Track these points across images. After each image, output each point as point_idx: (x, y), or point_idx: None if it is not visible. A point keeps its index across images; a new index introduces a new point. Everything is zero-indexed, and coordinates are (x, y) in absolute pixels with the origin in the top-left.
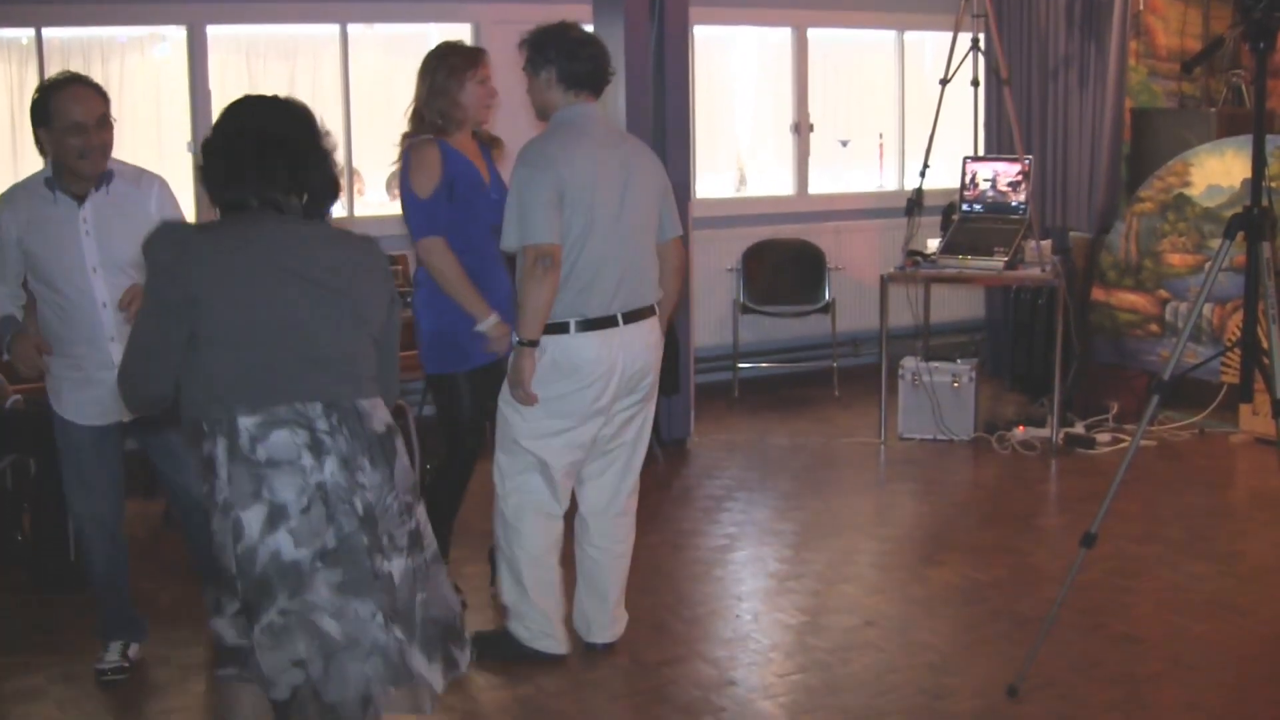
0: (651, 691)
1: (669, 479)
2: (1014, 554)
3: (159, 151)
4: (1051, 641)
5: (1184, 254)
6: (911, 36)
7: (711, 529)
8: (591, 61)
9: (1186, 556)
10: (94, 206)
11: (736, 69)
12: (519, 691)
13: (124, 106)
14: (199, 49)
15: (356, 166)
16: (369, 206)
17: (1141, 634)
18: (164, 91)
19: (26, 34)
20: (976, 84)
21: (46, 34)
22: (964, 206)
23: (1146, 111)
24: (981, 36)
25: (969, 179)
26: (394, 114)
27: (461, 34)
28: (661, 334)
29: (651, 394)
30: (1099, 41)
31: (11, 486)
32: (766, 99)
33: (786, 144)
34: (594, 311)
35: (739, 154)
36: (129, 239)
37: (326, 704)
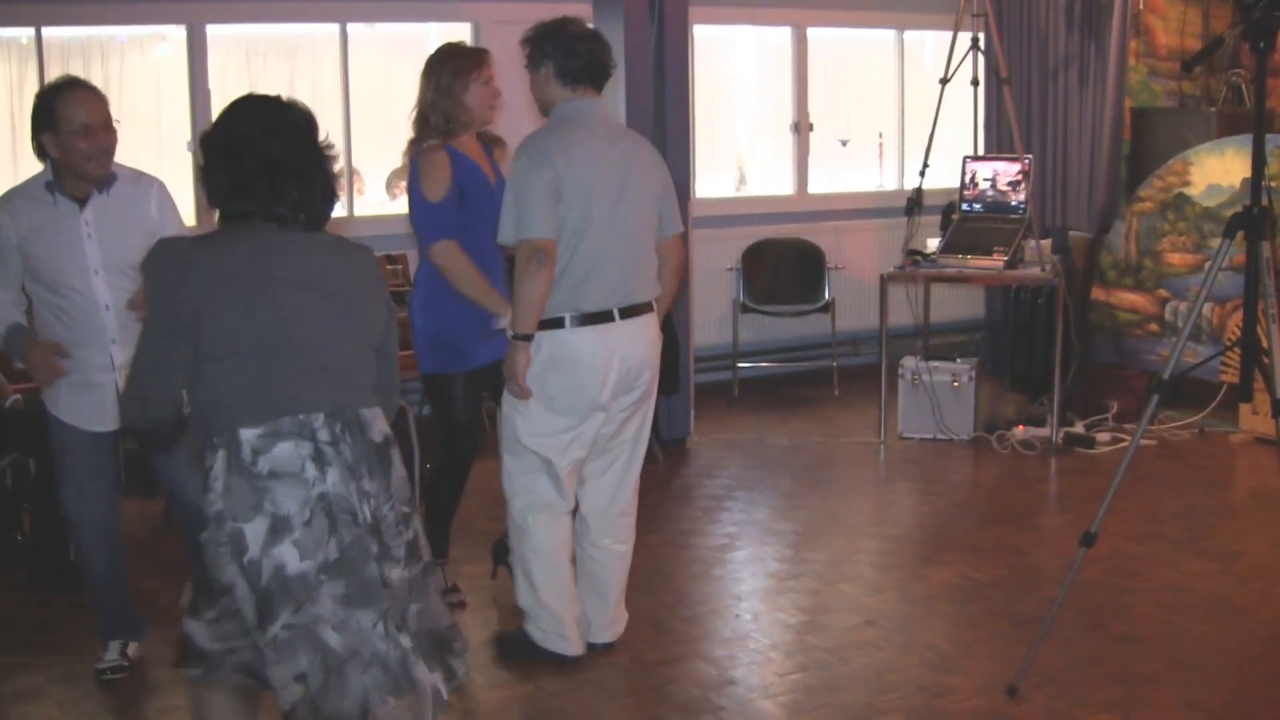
0: (651, 691)
1: (669, 478)
2: (1014, 553)
3: (159, 151)
4: (1051, 641)
5: (1184, 253)
6: (911, 36)
7: (711, 528)
8: (588, 56)
9: (1186, 556)
10: (96, 209)
11: (736, 68)
12: (519, 691)
13: (124, 106)
14: (199, 48)
15: (356, 166)
16: (369, 206)
17: (1141, 633)
18: (164, 91)
19: (26, 33)
20: (976, 83)
21: (46, 33)
22: (964, 206)
23: (1146, 111)
24: (981, 36)
25: (969, 178)
26: (394, 114)
27: (461, 34)
28: (659, 330)
29: (650, 392)
30: (1099, 41)
31: (11, 486)
32: (766, 98)
33: (786, 143)
34: (590, 306)
35: (739, 153)
36: (130, 241)
37: (324, 716)
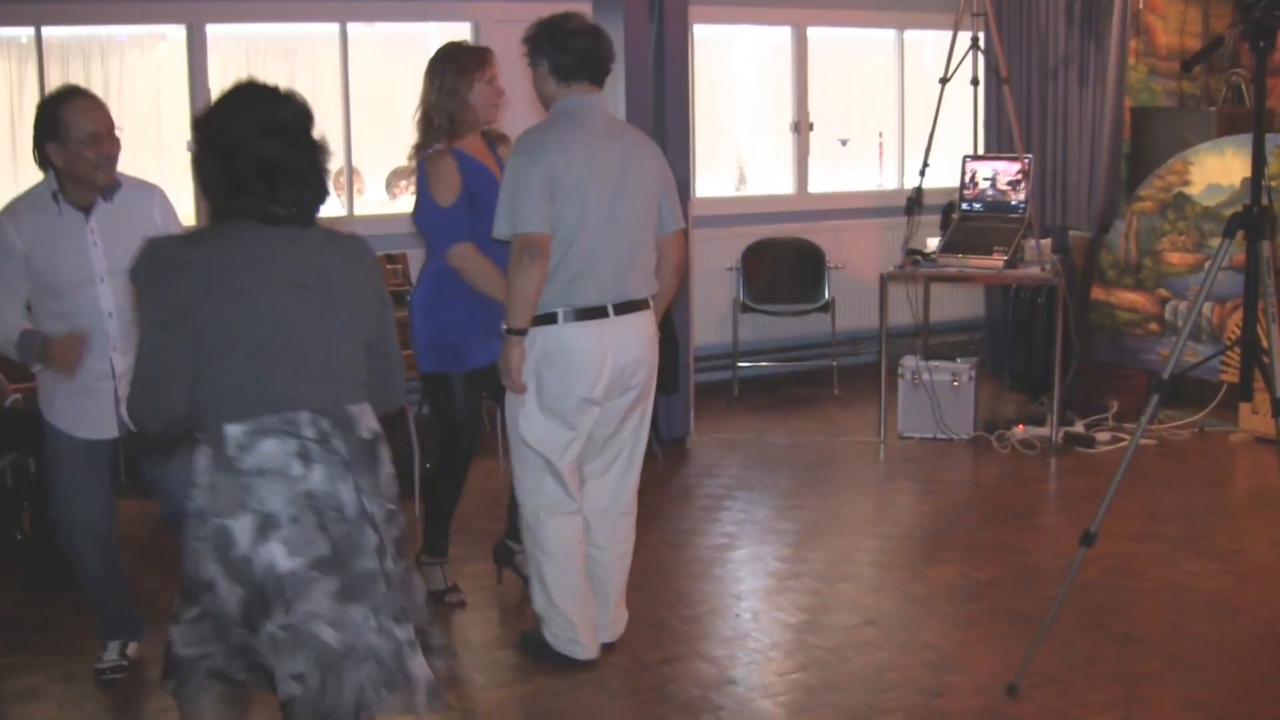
0: (651, 690)
1: (668, 478)
2: (1013, 553)
3: (159, 151)
4: (1051, 640)
5: (1184, 253)
6: (911, 35)
7: (711, 528)
8: (581, 52)
9: (1186, 555)
10: (101, 217)
11: (736, 68)
12: (519, 691)
13: (124, 106)
14: (199, 48)
15: (356, 166)
16: (369, 206)
17: (1141, 632)
18: (164, 91)
19: (26, 33)
20: (976, 83)
21: (46, 33)
22: (964, 205)
23: (1146, 110)
24: (981, 35)
25: (969, 178)
26: (394, 114)
27: (461, 33)
28: (656, 328)
29: (648, 390)
30: (1099, 40)
31: (11, 486)
32: (766, 98)
33: (786, 143)
34: (584, 302)
35: (739, 153)
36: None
37: (321, 713)
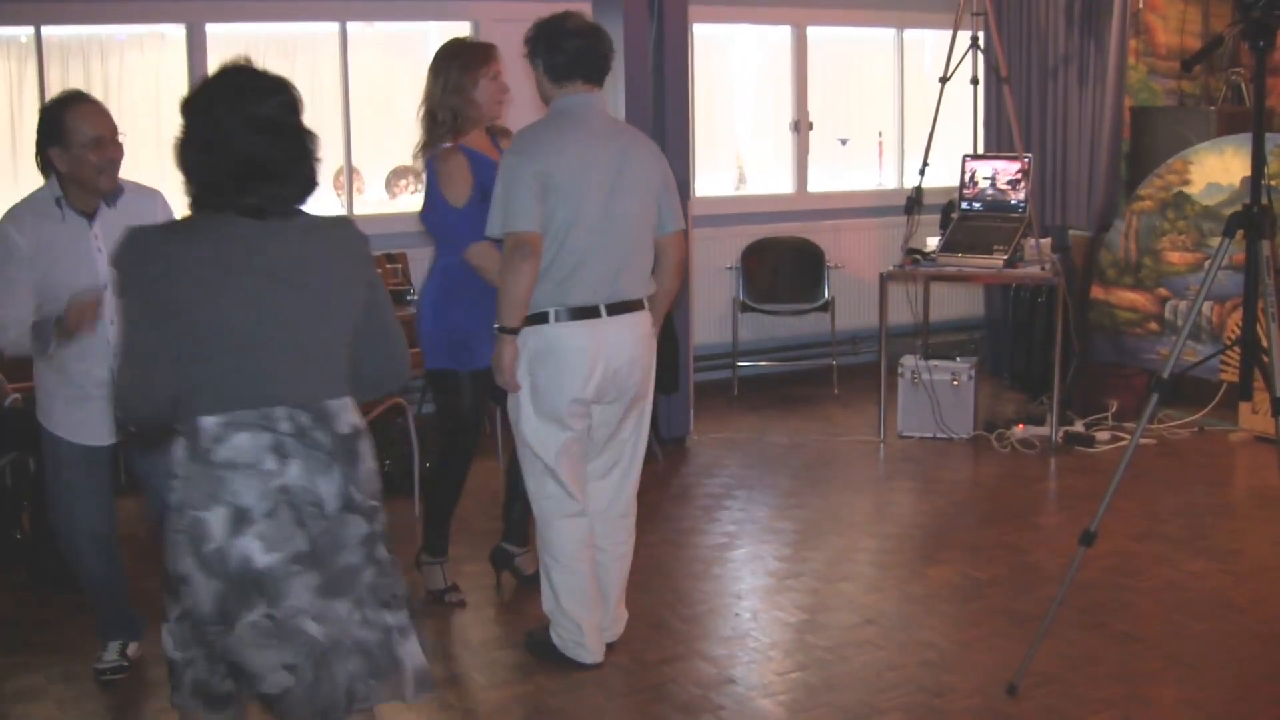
0: (651, 690)
1: (668, 477)
2: (1013, 552)
3: (158, 151)
4: (1051, 639)
5: (1183, 252)
6: (911, 35)
7: (711, 527)
8: (574, 52)
9: (1186, 554)
10: (104, 223)
11: (736, 67)
12: (519, 690)
13: (124, 106)
14: (199, 48)
15: (356, 165)
16: (369, 205)
17: (1141, 632)
18: (164, 91)
19: (25, 32)
20: (976, 82)
21: (46, 32)
22: (963, 205)
23: (1146, 110)
24: (981, 35)
25: (968, 177)
26: (394, 113)
27: (461, 32)
28: (654, 329)
29: (644, 393)
30: (1098, 40)
31: (11, 485)
32: (766, 97)
33: (786, 142)
34: (576, 301)
35: (738, 152)
36: None
37: (318, 707)
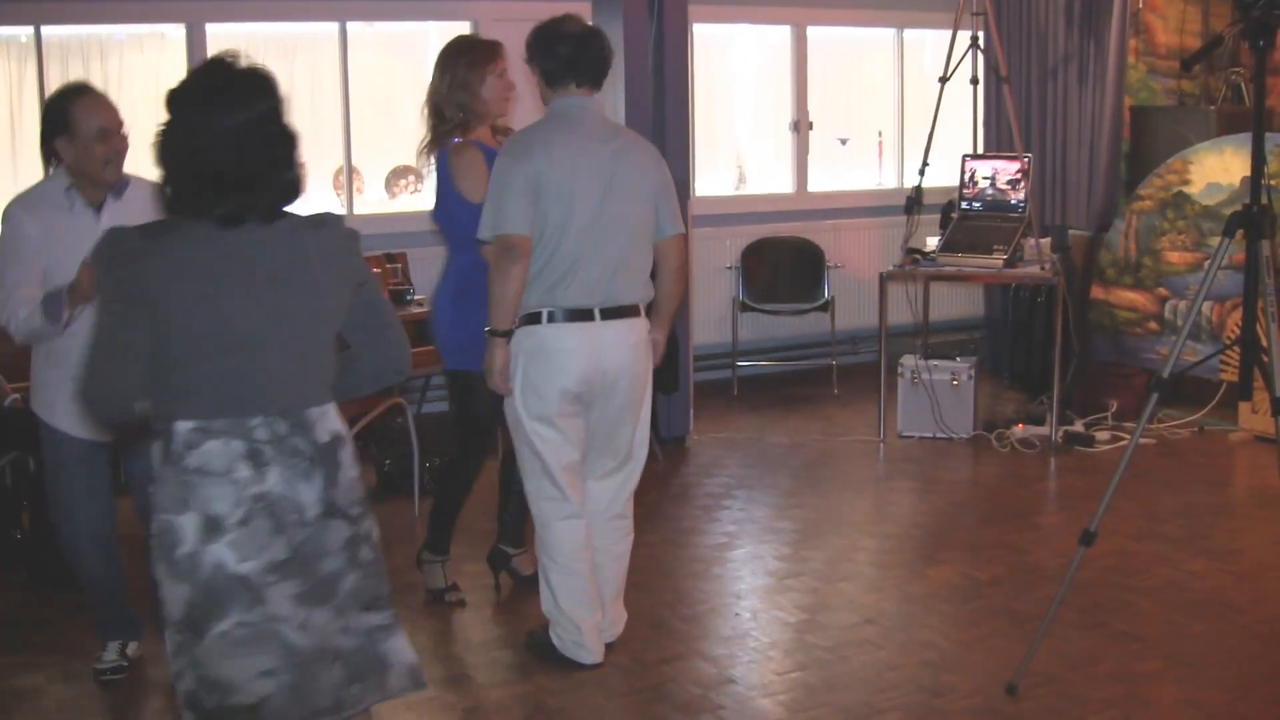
0: (651, 689)
1: (668, 477)
2: (1013, 552)
3: None
4: (1050, 639)
5: (1183, 252)
6: (911, 34)
7: (710, 527)
8: (566, 57)
9: (1186, 554)
10: (111, 214)
11: (736, 67)
12: (519, 690)
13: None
14: (198, 47)
15: (356, 165)
16: (368, 205)
17: (1140, 632)
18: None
19: (25, 32)
20: (976, 82)
21: (46, 32)
22: (963, 204)
23: (1146, 109)
24: (981, 34)
25: (968, 177)
26: (393, 113)
27: (460, 32)
28: (661, 336)
29: (638, 397)
30: (1098, 39)
31: (11, 485)
32: (766, 97)
33: (786, 142)
34: (570, 304)
35: (738, 152)
36: None
37: (307, 715)
